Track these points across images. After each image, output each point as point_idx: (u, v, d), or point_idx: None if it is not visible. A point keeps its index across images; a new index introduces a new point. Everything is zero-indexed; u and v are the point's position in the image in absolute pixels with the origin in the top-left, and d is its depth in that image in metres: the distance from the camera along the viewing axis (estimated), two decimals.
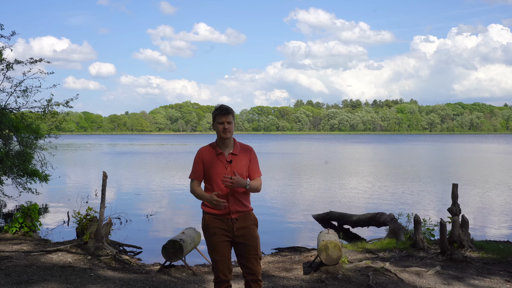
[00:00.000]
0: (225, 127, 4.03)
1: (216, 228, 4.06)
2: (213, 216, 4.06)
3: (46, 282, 5.81)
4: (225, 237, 4.07)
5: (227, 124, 4.05)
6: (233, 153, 4.10)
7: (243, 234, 4.07)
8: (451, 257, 7.11)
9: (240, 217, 4.07)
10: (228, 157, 4.08)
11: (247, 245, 4.07)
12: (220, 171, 4.04)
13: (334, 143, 79.91)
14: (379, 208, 13.33)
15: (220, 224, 4.05)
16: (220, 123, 4.05)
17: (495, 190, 18.25)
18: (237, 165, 4.07)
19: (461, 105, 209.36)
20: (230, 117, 4.07)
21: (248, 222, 4.10)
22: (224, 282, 4.12)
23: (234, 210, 4.05)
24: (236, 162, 4.08)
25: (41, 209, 13.47)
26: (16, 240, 8.55)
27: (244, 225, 4.07)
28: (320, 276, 6.30)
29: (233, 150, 4.11)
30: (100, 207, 7.44)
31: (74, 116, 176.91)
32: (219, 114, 4.06)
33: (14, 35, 10.78)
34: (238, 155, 4.10)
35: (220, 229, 4.05)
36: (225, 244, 4.09)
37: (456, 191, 8.03)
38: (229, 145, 4.12)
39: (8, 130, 11.08)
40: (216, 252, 4.09)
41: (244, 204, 4.10)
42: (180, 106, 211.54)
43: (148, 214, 12.90)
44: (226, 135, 4.04)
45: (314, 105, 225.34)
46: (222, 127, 4.03)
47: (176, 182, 21.84)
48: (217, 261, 4.11)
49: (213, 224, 4.06)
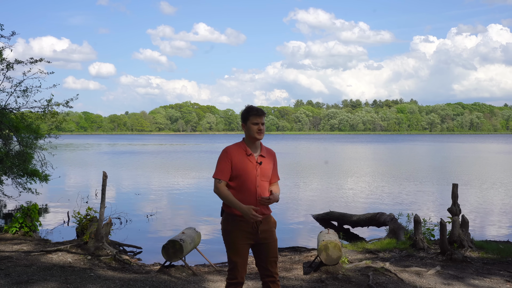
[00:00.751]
0: (260, 128, 4.06)
1: (241, 230, 4.03)
2: (239, 218, 4.02)
3: (46, 282, 5.81)
4: (248, 239, 4.06)
5: (262, 125, 4.07)
6: (262, 155, 4.13)
7: (265, 237, 4.09)
8: (451, 257, 7.11)
9: (263, 220, 4.08)
10: (258, 159, 4.11)
11: (268, 247, 4.09)
12: (251, 172, 4.04)
13: (334, 143, 79.91)
14: (379, 208, 13.34)
15: (245, 226, 4.02)
16: (255, 124, 4.05)
17: (495, 190, 18.25)
18: (265, 167, 4.11)
19: (461, 105, 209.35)
20: (264, 119, 4.11)
21: (270, 224, 4.15)
22: (240, 284, 4.12)
23: (261, 213, 4.05)
24: (265, 164, 4.11)
25: (41, 209, 13.47)
26: (16, 240, 8.55)
27: (267, 227, 4.10)
28: (320, 276, 6.30)
29: (261, 152, 4.14)
30: (100, 207, 7.44)
31: (74, 116, 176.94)
32: (255, 115, 4.06)
33: (14, 35, 10.79)
34: (265, 157, 4.14)
35: (245, 232, 4.04)
36: (247, 247, 4.10)
37: (456, 191, 8.03)
38: (258, 146, 4.15)
39: (8, 130, 11.08)
40: (239, 254, 4.07)
41: (267, 208, 4.14)
42: (180, 106, 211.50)
43: (148, 214, 12.90)
44: (260, 136, 4.07)
45: (314, 105, 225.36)
46: (257, 128, 4.05)
47: (176, 182, 21.85)
48: (237, 264, 4.07)
49: (238, 227, 4.04)
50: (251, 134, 4.07)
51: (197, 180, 22.95)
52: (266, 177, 4.10)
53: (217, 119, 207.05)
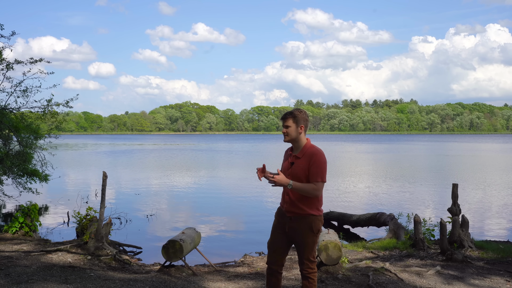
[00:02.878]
0: (283, 131, 4.31)
1: (277, 218, 4.39)
2: (278, 208, 4.42)
3: (46, 282, 5.81)
4: (281, 229, 4.31)
5: (284, 128, 4.29)
6: (297, 156, 4.26)
7: (293, 236, 4.24)
8: (451, 257, 7.11)
9: (294, 218, 4.20)
10: (291, 159, 4.29)
11: (298, 246, 4.27)
12: (284, 169, 4.31)
13: (334, 143, 79.90)
14: (379, 208, 13.35)
15: (280, 217, 4.35)
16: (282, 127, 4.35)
17: (495, 190, 18.25)
18: (297, 168, 4.19)
19: (461, 105, 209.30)
20: (288, 121, 4.27)
21: (301, 225, 4.18)
22: (268, 269, 4.41)
23: (288, 210, 4.23)
24: (297, 165, 4.20)
25: (41, 209, 13.48)
26: (16, 240, 8.54)
27: (296, 226, 4.20)
28: (320, 276, 6.29)
29: (297, 153, 4.27)
30: (100, 207, 7.44)
31: (74, 116, 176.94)
32: (281, 119, 4.36)
33: (14, 35, 10.78)
34: (300, 158, 4.21)
35: (280, 221, 4.35)
36: (279, 234, 4.33)
37: (456, 191, 8.03)
38: (297, 147, 4.31)
39: (8, 130, 11.08)
40: (270, 237, 4.41)
41: (298, 206, 4.17)
42: (180, 106, 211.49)
43: (148, 214, 12.90)
44: (284, 138, 4.30)
45: (314, 105, 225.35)
46: (283, 131, 4.32)
47: (176, 182, 21.85)
48: (268, 245, 4.42)
49: (276, 214, 4.43)
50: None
51: (197, 180, 22.95)
52: (297, 178, 4.14)
53: (217, 119, 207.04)
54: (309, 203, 4.15)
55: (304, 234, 4.17)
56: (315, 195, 4.10)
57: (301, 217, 4.15)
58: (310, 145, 4.25)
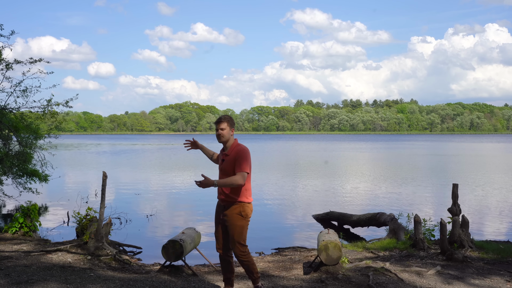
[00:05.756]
0: (218, 133, 4.96)
1: (216, 209, 5.16)
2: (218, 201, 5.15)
3: (46, 282, 5.80)
4: (218, 218, 5.09)
5: (220, 130, 4.95)
6: (227, 153, 5.00)
7: (226, 220, 4.95)
8: (451, 257, 7.10)
9: (226, 206, 4.96)
10: (222, 156, 5.06)
11: (229, 229, 4.95)
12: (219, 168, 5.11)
13: (334, 143, 79.88)
14: (379, 208, 13.34)
15: (218, 207, 5.14)
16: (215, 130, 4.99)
17: (495, 190, 18.25)
18: (226, 163, 4.95)
19: (461, 105, 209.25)
20: (223, 124, 4.95)
21: (232, 211, 4.91)
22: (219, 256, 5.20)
23: (221, 199, 5.02)
24: (226, 161, 4.95)
25: (41, 209, 13.47)
26: (16, 240, 8.54)
27: (228, 212, 4.94)
28: (320, 276, 6.29)
29: (227, 151, 5.00)
30: (100, 207, 7.43)
31: (74, 116, 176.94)
32: (215, 123, 5.00)
33: (13, 34, 10.79)
34: (229, 155, 4.95)
35: (217, 211, 5.13)
36: (218, 223, 5.10)
37: (456, 191, 8.03)
38: (227, 146, 5.03)
39: (8, 130, 11.08)
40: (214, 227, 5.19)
41: (228, 196, 4.91)
42: (180, 106, 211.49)
43: (148, 214, 12.90)
44: (220, 139, 4.98)
45: (314, 105, 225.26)
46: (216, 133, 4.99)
47: (176, 182, 21.84)
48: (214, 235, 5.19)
49: (216, 206, 5.16)
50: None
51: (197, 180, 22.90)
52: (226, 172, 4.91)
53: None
54: (238, 193, 4.88)
55: (234, 218, 4.89)
56: (238, 184, 4.76)
57: (232, 203, 4.91)
58: (237, 143, 4.98)
